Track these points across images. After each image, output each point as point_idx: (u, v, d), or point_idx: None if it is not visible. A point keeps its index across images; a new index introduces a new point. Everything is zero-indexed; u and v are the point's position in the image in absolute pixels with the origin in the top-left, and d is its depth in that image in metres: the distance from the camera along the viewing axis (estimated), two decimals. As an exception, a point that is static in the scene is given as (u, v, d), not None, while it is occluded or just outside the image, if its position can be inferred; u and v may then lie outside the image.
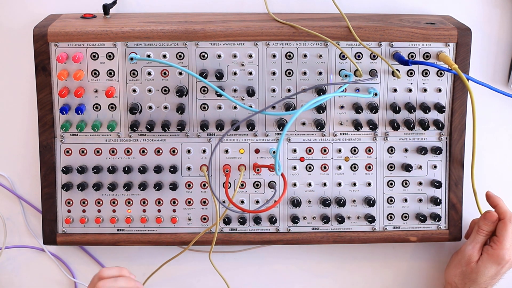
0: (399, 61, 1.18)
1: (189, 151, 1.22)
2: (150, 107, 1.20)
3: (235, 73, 1.19)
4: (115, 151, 1.22)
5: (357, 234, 1.25)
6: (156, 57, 1.17)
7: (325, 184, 1.24)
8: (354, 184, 1.24)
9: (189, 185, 1.23)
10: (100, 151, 1.21)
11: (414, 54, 1.19)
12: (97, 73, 1.18)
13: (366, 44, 1.17)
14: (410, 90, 1.21)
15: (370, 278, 1.36)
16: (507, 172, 1.33)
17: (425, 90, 1.21)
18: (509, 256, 1.19)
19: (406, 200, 1.25)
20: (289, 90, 1.20)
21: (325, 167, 1.23)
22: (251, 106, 1.20)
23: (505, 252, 1.18)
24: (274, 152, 1.21)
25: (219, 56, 1.18)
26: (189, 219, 1.24)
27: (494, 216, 1.21)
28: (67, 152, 1.21)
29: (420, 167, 1.24)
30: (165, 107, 1.20)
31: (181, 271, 1.33)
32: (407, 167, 1.22)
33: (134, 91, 1.19)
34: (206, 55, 1.18)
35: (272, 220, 1.24)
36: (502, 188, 1.33)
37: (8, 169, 1.29)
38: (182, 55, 1.17)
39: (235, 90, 1.19)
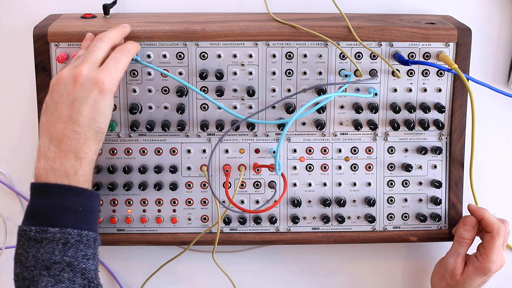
0: (399, 61, 1.18)
1: (189, 151, 1.22)
2: (150, 107, 1.20)
3: (235, 73, 1.19)
4: (115, 151, 1.22)
5: (357, 234, 1.25)
6: (156, 57, 1.17)
7: (325, 184, 1.24)
8: (354, 184, 1.24)
9: (189, 185, 1.23)
10: (100, 151, 1.21)
11: (414, 54, 1.19)
12: (97, 73, 1.18)
13: (366, 44, 1.17)
14: (410, 90, 1.21)
15: (370, 278, 1.36)
16: (507, 172, 1.33)
17: (425, 90, 1.21)
18: (495, 267, 1.17)
19: (406, 200, 1.25)
20: (289, 90, 1.20)
21: (325, 167, 1.23)
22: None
23: (491, 265, 1.17)
24: (274, 152, 1.21)
25: (219, 56, 1.18)
26: (189, 219, 1.24)
27: (473, 221, 1.20)
28: (67, 152, 1.21)
29: (420, 167, 1.24)
30: (165, 107, 1.20)
31: (181, 271, 1.33)
32: (407, 167, 1.22)
33: (134, 91, 1.19)
34: (206, 55, 1.18)
35: (272, 220, 1.23)
36: (502, 188, 1.33)
37: (8, 169, 1.29)
38: (182, 55, 1.17)
39: (235, 90, 1.19)
